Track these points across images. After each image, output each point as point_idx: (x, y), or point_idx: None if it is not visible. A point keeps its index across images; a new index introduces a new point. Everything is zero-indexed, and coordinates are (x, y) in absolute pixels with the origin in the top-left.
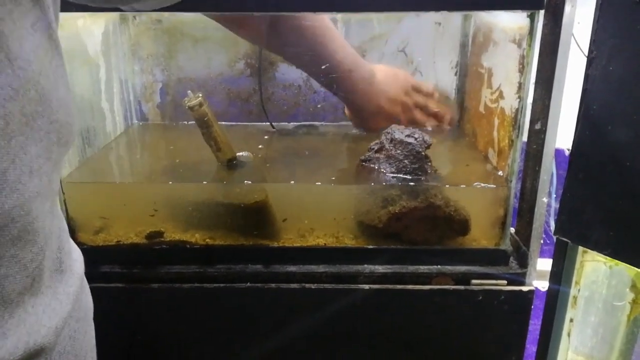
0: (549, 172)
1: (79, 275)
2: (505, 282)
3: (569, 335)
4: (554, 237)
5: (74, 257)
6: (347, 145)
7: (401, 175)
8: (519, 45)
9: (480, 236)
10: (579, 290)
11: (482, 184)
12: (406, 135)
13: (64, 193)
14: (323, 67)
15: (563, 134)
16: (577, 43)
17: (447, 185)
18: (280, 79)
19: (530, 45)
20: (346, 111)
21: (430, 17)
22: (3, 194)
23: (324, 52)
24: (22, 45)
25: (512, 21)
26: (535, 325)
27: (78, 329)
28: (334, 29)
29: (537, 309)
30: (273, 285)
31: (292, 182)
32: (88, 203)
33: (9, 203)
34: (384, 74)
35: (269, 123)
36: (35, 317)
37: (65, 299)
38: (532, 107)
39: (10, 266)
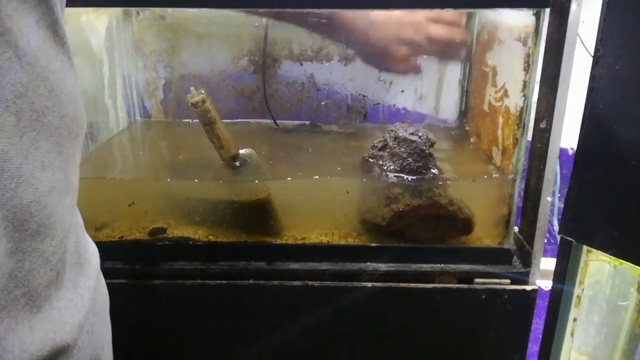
0: (554, 171)
1: (96, 269)
2: (508, 281)
3: (572, 334)
4: (558, 237)
5: (91, 250)
6: (350, 143)
7: (404, 174)
8: (524, 44)
9: (483, 235)
10: (582, 289)
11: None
12: (410, 133)
13: None
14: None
15: (566, 133)
16: (582, 42)
17: (449, 181)
18: (284, 76)
19: (536, 43)
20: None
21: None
22: (20, 189)
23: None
24: (30, 41)
25: (517, 19)
26: (538, 324)
27: (95, 322)
28: None
29: (540, 308)
30: (276, 282)
31: (295, 179)
32: (90, 199)
33: (26, 198)
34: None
35: (272, 120)
36: (59, 312)
37: (86, 294)
38: (537, 105)
39: (33, 260)
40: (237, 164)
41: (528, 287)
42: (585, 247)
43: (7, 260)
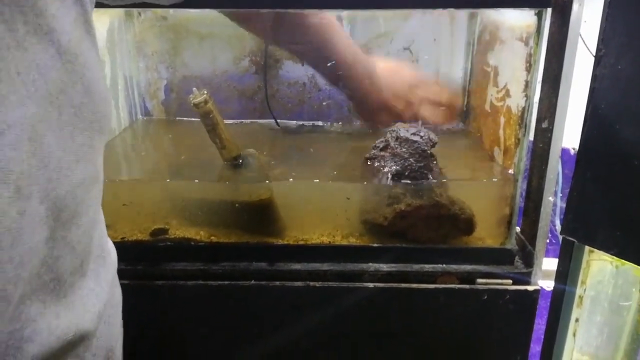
0: (555, 171)
1: (114, 264)
2: (510, 281)
3: (574, 335)
4: (560, 237)
5: (109, 246)
6: (352, 144)
7: (406, 174)
8: (526, 44)
9: (485, 235)
10: (584, 290)
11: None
12: (411, 134)
13: None
14: (328, 64)
15: (568, 133)
16: (583, 41)
17: (453, 180)
18: (285, 77)
19: (538, 43)
20: (352, 107)
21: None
22: (60, 181)
23: (326, 45)
24: (70, 39)
25: (519, 19)
26: (539, 324)
27: (112, 314)
28: (337, 24)
29: (542, 308)
30: (277, 283)
31: (297, 180)
32: None
33: (64, 189)
34: (387, 69)
35: (274, 121)
36: (82, 300)
37: (105, 285)
38: (539, 105)
39: (60, 247)
40: (239, 164)
41: (530, 288)
42: (587, 247)
43: (43, 248)
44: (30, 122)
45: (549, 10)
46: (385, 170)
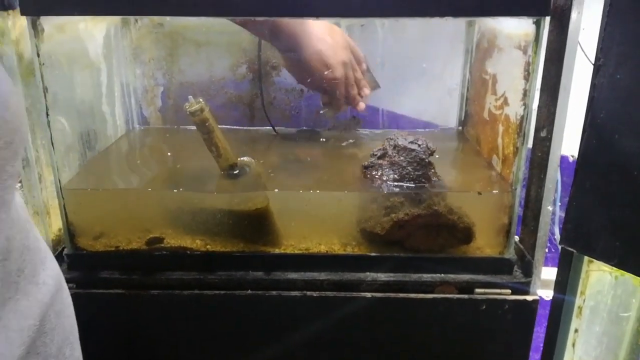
0: (554, 180)
1: (44, 304)
2: (509, 291)
3: (573, 345)
4: (559, 247)
5: (41, 279)
6: (349, 151)
7: (404, 183)
8: (525, 52)
9: (484, 244)
10: (584, 300)
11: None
12: (409, 142)
13: (63, 198)
14: None
15: (566, 140)
16: (582, 49)
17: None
18: (283, 84)
19: (536, 52)
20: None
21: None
22: None
23: None
24: None
25: (517, 27)
26: (538, 332)
27: None
28: None
29: (541, 316)
30: (274, 292)
31: (294, 188)
32: (86, 209)
33: None
34: (321, 24)
35: (271, 128)
36: None
37: (18, 338)
38: (538, 114)
39: None
40: (236, 172)
41: (529, 297)
42: (586, 258)
43: None
44: None
45: (548, 18)
46: (383, 178)
